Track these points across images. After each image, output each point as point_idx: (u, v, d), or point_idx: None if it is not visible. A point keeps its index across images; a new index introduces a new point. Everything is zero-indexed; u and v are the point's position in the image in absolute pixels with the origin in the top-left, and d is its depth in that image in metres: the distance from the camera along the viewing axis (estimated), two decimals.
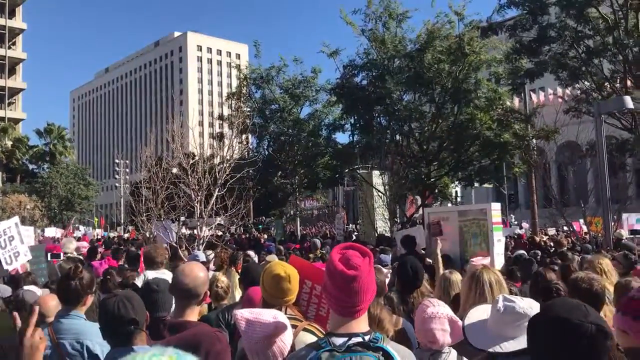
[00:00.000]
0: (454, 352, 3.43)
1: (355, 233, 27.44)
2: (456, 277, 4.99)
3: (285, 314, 3.03)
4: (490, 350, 2.71)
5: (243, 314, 2.69)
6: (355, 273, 2.18)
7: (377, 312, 3.58)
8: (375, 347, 2.14)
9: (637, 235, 16.09)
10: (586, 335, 1.83)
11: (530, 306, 2.74)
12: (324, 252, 13.19)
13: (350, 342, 2.15)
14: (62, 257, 9.78)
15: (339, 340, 2.17)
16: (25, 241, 12.80)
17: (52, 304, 4.20)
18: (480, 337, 2.80)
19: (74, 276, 3.82)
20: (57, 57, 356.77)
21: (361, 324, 2.24)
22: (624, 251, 8.33)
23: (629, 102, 13.44)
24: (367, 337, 2.18)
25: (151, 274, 6.19)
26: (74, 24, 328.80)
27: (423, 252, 10.16)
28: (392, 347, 2.18)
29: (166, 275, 5.93)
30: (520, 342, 2.56)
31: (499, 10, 22.61)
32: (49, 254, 10.28)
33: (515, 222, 36.65)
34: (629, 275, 6.69)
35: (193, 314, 3.20)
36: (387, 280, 5.37)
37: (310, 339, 2.96)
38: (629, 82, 22.68)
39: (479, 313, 2.98)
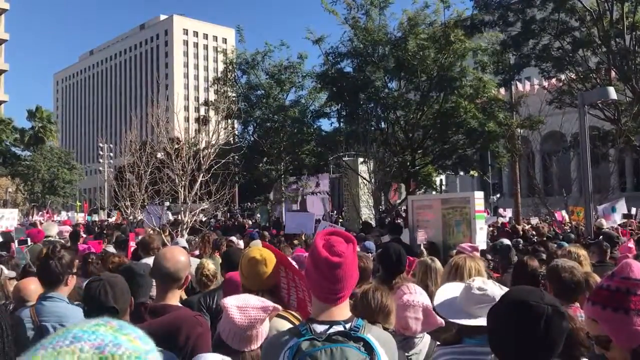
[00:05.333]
0: (427, 337, 3.47)
1: (340, 220, 27.52)
2: (437, 264, 5.03)
3: None
4: (454, 320, 2.84)
5: (231, 303, 2.71)
6: (340, 260, 2.16)
7: (386, 302, 3.36)
8: (356, 337, 2.13)
9: (625, 220, 16.40)
10: (543, 316, 1.93)
11: (500, 293, 2.82)
12: (308, 237, 13.22)
13: (331, 330, 2.14)
14: (29, 243, 9.68)
15: (319, 328, 2.16)
16: (4, 224, 12.75)
17: (32, 287, 4.19)
18: (451, 310, 2.91)
19: (52, 256, 3.80)
20: (40, 38, 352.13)
21: (343, 311, 2.24)
22: (598, 240, 8.45)
23: (612, 93, 13.55)
24: (348, 325, 2.17)
25: (145, 261, 6.13)
26: (58, 5, 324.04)
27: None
28: (373, 335, 2.18)
29: None
30: (481, 322, 2.65)
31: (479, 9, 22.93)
32: (15, 240, 10.15)
33: (496, 203, 36.84)
34: (605, 262, 6.81)
35: (174, 298, 3.21)
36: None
37: (282, 324, 2.99)
38: (613, 74, 22.88)
39: (449, 291, 3.06)
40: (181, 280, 3.20)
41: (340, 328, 2.15)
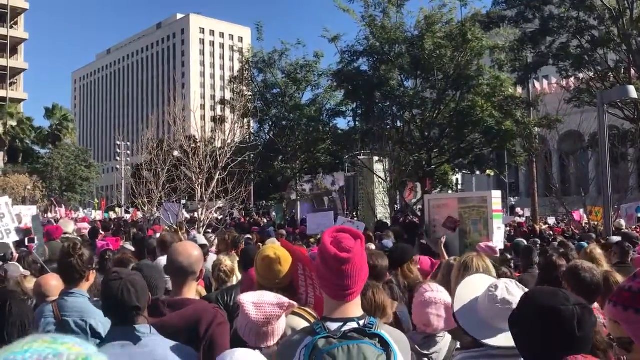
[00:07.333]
0: (448, 337, 3.47)
1: (356, 219, 27.51)
2: None
3: None
4: (485, 341, 2.62)
5: (247, 299, 2.72)
6: (348, 256, 2.16)
7: (380, 299, 3.59)
8: (371, 334, 2.12)
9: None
10: (575, 318, 1.97)
11: None
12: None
13: (346, 327, 2.13)
14: (35, 242, 9.75)
15: (333, 326, 2.15)
16: (23, 220, 12.82)
17: (53, 283, 4.24)
18: (472, 322, 2.71)
19: (73, 253, 3.88)
20: (59, 37, 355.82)
21: (355, 308, 2.23)
22: (620, 241, 8.35)
23: (632, 91, 13.33)
24: (362, 322, 2.17)
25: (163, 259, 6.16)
26: (76, 5, 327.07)
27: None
28: (386, 332, 2.18)
29: None
30: (504, 340, 2.49)
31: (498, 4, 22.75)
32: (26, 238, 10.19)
33: (513, 202, 36.48)
34: (626, 264, 6.73)
35: (191, 291, 3.23)
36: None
37: (298, 322, 3.00)
38: (632, 72, 22.61)
39: (468, 290, 2.85)
40: (196, 273, 3.23)
41: (354, 325, 2.15)
